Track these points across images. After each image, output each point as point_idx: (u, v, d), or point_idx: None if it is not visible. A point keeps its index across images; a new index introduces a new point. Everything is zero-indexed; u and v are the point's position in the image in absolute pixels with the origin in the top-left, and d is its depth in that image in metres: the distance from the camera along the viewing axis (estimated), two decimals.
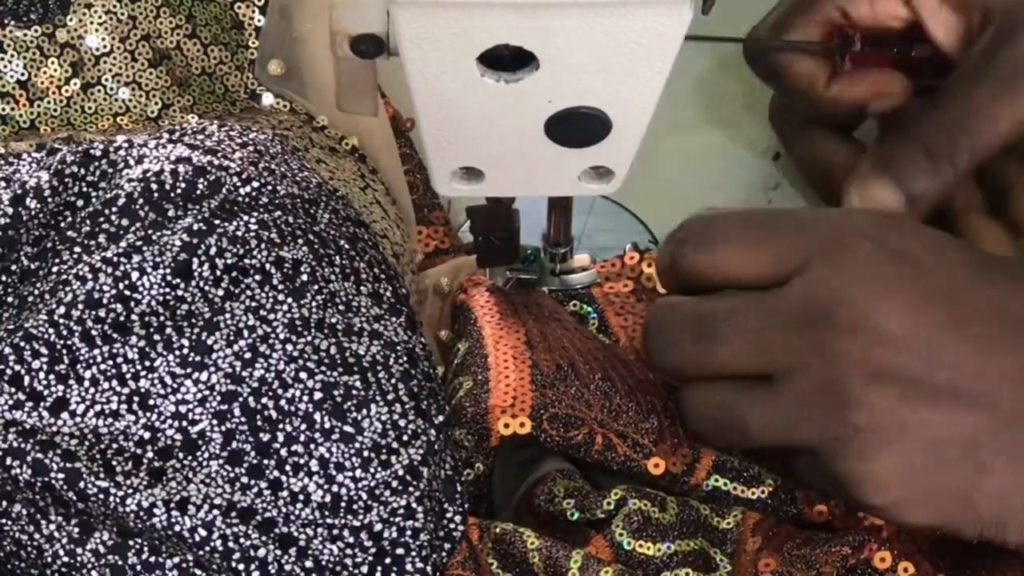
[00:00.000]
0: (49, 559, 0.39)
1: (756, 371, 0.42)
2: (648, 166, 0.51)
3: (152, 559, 0.39)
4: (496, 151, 0.40)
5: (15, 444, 0.38)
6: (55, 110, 0.53)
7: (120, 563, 0.39)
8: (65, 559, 0.39)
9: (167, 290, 0.41)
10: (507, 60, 0.35)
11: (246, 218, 0.42)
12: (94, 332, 0.40)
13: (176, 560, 0.39)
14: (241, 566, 0.39)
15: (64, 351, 0.40)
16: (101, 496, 0.38)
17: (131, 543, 0.39)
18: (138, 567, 0.39)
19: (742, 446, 0.44)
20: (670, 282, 0.46)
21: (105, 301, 0.40)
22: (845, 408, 0.39)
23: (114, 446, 0.39)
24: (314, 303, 0.42)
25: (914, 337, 0.39)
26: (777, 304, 0.41)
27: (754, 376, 0.42)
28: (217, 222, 0.42)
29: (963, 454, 0.39)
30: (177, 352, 0.40)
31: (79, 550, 0.39)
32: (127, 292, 0.40)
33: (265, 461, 0.40)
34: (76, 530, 0.39)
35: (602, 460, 0.43)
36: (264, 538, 0.39)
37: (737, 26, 0.62)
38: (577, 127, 0.38)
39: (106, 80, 0.53)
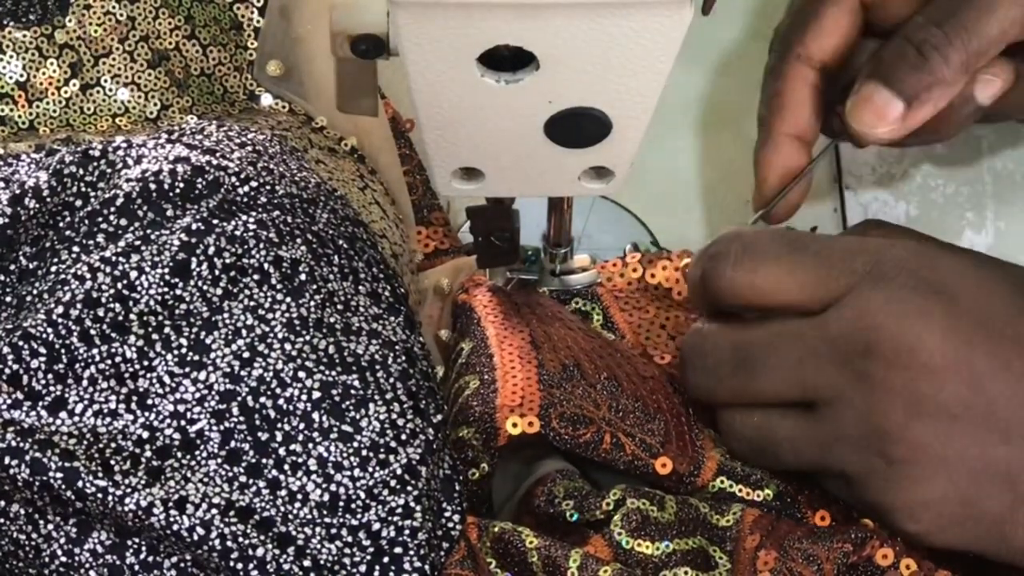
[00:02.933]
0: (47, 559, 0.39)
1: (795, 400, 0.42)
2: (648, 166, 0.51)
3: (150, 559, 0.39)
4: (496, 151, 0.40)
5: (13, 443, 0.38)
6: (54, 111, 0.53)
7: (118, 563, 0.39)
8: (63, 559, 0.39)
9: (165, 289, 0.41)
10: (507, 60, 0.35)
11: (244, 218, 0.43)
12: (92, 331, 0.40)
13: (174, 560, 0.39)
14: (239, 565, 0.39)
15: (63, 350, 0.40)
16: (99, 495, 0.38)
17: (129, 543, 0.39)
18: (136, 567, 0.39)
19: (777, 468, 0.44)
20: (700, 298, 0.45)
21: (104, 300, 0.40)
22: (885, 441, 0.40)
23: (112, 445, 0.40)
24: (312, 302, 0.42)
25: (955, 369, 0.39)
26: (817, 335, 0.41)
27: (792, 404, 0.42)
28: (216, 222, 0.42)
29: (1000, 485, 0.40)
30: (176, 351, 0.41)
31: (77, 550, 0.39)
32: (125, 291, 0.41)
33: (263, 460, 0.40)
34: (74, 530, 0.39)
35: (610, 459, 0.43)
36: (262, 537, 0.39)
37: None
38: (577, 127, 0.38)
39: (105, 81, 0.53)
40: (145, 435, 0.40)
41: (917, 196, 0.61)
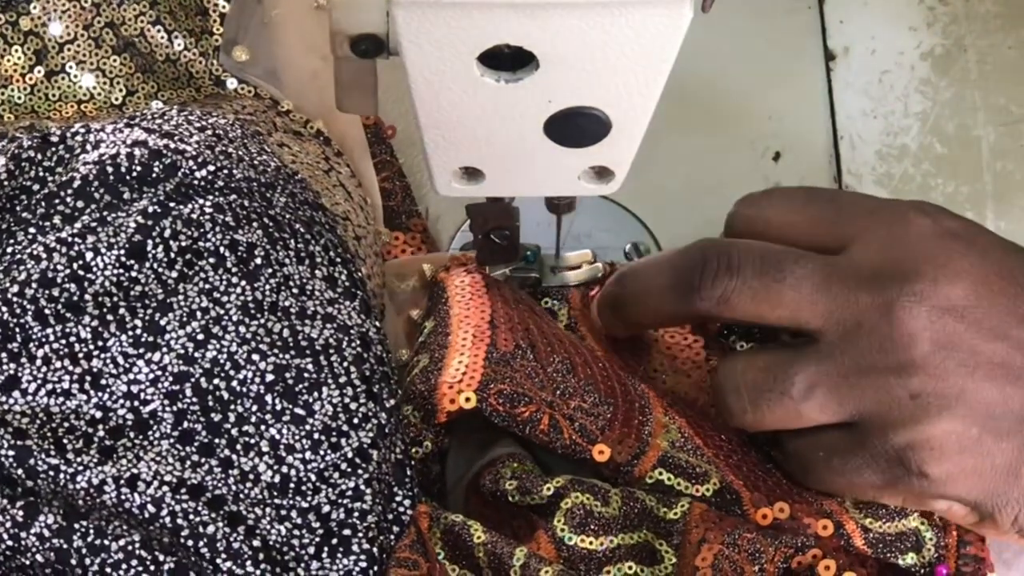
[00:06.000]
0: None
1: (818, 328, 0.44)
2: (648, 166, 0.54)
3: (97, 542, 0.42)
4: (496, 151, 0.42)
5: None
6: (19, 98, 0.57)
7: (65, 546, 0.41)
8: (8, 543, 0.42)
9: (121, 271, 0.44)
10: (507, 60, 0.38)
11: (201, 201, 0.46)
12: (47, 311, 0.43)
13: (122, 543, 0.42)
14: (190, 542, 0.42)
15: (17, 329, 0.43)
16: (51, 473, 0.42)
17: (76, 526, 0.42)
18: (83, 550, 0.42)
19: (778, 412, 0.45)
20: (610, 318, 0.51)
21: (59, 280, 0.44)
22: (907, 371, 0.43)
23: (65, 424, 0.43)
24: (268, 286, 0.45)
25: (977, 308, 0.43)
26: (843, 263, 0.44)
27: (804, 335, 0.45)
28: (172, 204, 0.45)
29: (1016, 429, 0.43)
30: (130, 332, 0.44)
31: (23, 534, 0.41)
32: (81, 272, 0.44)
33: (216, 440, 0.43)
34: (20, 513, 0.41)
35: (548, 441, 0.46)
36: (213, 515, 0.42)
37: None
38: (577, 127, 0.40)
39: (70, 67, 0.57)
40: (98, 415, 0.43)
41: (917, 196, 0.63)
